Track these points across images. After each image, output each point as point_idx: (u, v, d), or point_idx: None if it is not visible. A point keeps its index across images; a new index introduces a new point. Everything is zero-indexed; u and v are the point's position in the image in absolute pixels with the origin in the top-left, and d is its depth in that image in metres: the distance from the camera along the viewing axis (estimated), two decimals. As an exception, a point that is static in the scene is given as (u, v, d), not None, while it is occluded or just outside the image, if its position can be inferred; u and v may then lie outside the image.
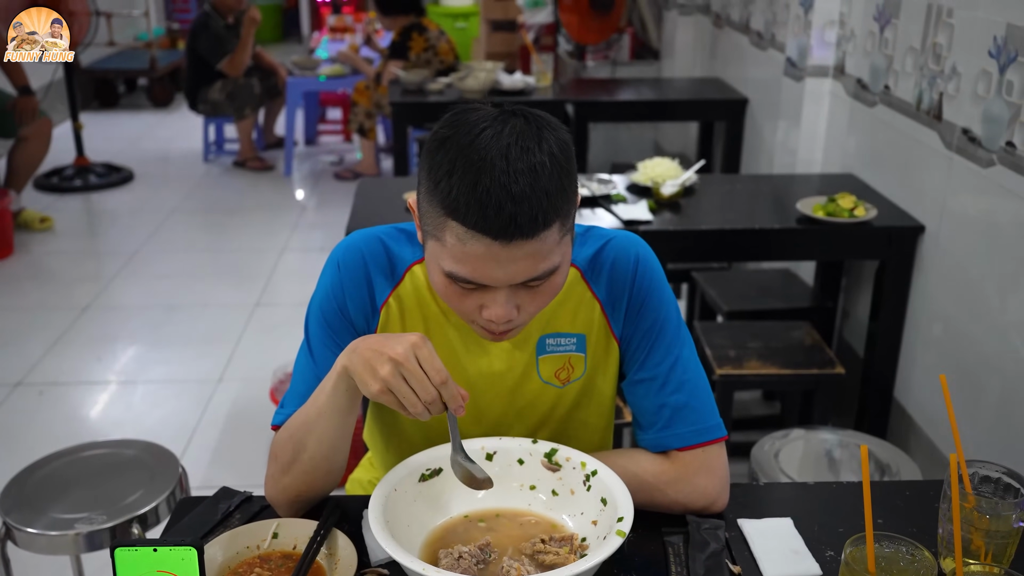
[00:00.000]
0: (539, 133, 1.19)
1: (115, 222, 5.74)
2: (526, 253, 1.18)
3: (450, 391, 1.19)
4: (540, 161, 1.16)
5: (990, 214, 2.52)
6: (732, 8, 4.75)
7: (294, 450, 1.32)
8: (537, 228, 1.16)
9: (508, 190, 1.13)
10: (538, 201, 1.15)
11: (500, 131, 1.17)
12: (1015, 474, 1.25)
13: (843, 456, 2.32)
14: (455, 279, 1.22)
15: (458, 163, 1.16)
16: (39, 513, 1.91)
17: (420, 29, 5.84)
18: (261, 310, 4.40)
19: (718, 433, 1.40)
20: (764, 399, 3.59)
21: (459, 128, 1.19)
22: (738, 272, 3.76)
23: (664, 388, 1.40)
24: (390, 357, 1.17)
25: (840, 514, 1.39)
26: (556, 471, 1.37)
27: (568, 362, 1.43)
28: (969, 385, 2.61)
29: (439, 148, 1.19)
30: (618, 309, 1.42)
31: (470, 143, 1.16)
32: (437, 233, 1.20)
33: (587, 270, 1.42)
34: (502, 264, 1.18)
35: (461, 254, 1.18)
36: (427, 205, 1.21)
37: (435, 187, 1.18)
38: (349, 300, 1.38)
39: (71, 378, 3.78)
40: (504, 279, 1.20)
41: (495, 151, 1.15)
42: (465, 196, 1.14)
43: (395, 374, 1.17)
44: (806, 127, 3.59)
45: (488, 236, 1.15)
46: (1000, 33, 2.41)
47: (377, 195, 3.16)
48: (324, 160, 6.98)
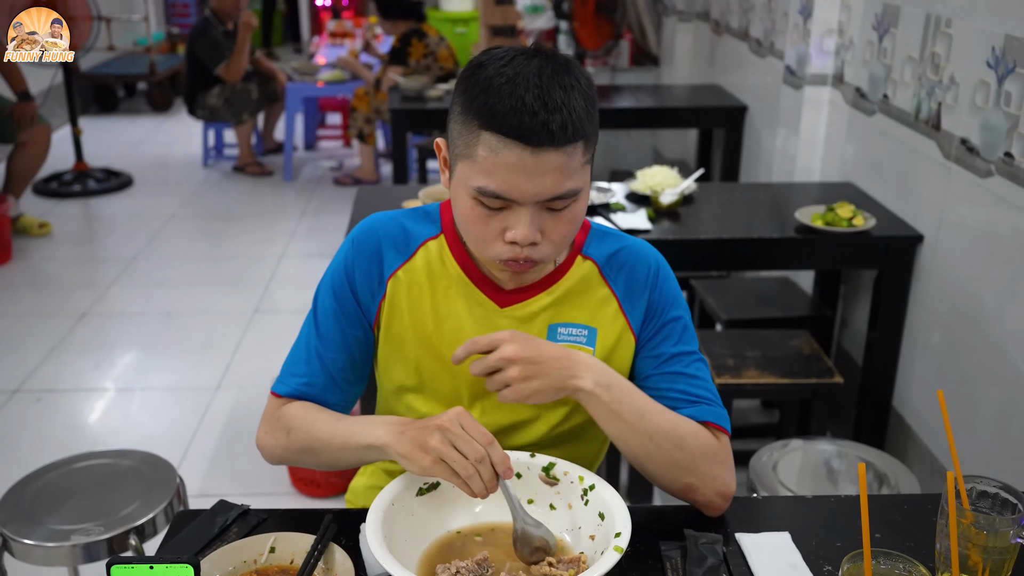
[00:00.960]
0: (567, 63, 1.28)
1: (114, 228, 5.74)
2: (554, 166, 1.24)
3: (498, 452, 1.24)
4: (569, 83, 1.25)
5: (988, 224, 2.52)
6: (731, 15, 4.75)
7: (305, 447, 1.41)
8: (567, 138, 1.23)
9: (543, 100, 1.21)
10: (569, 113, 1.23)
11: (531, 60, 1.26)
12: (1013, 490, 1.25)
13: (842, 467, 2.31)
14: (484, 195, 1.27)
15: (494, 80, 1.24)
16: (36, 524, 1.90)
17: (420, 35, 5.85)
18: (260, 317, 4.39)
19: (729, 427, 1.43)
20: (763, 407, 3.59)
21: (494, 57, 1.27)
22: (737, 281, 3.76)
23: (685, 379, 1.43)
24: (437, 425, 1.24)
25: (838, 529, 1.39)
26: (554, 485, 1.37)
27: None
28: (967, 395, 2.61)
29: (474, 72, 1.27)
30: (638, 307, 1.46)
31: (506, 64, 1.25)
32: (468, 151, 1.27)
33: (604, 265, 1.46)
34: (531, 176, 1.24)
35: (492, 165, 1.24)
36: (460, 126, 1.28)
37: (471, 103, 1.25)
38: (358, 274, 1.44)
39: (69, 385, 3.77)
40: (531, 193, 1.25)
41: (530, 71, 1.24)
42: (502, 104, 1.22)
43: (444, 441, 1.23)
44: (805, 135, 3.60)
45: (521, 142, 1.22)
46: (998, 44, 2.41)
47: (376, 201, 3.16)
48: (323, 165, 6.98)
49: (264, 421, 1.48)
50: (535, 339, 1.31)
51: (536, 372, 1.28)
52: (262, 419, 1.48)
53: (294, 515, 1.42)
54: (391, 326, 1.45)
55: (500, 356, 1.27)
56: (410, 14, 5.91)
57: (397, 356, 1.47)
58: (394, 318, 1.45)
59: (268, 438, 1.46)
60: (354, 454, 1.35)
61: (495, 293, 1.43)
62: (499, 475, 1.24)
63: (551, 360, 1.29)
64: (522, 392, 1.28)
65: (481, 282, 1.43)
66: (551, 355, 1.30)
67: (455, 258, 1.44)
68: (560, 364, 1.30)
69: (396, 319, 1.45)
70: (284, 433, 1.43)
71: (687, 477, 1.37)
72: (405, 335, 1.45)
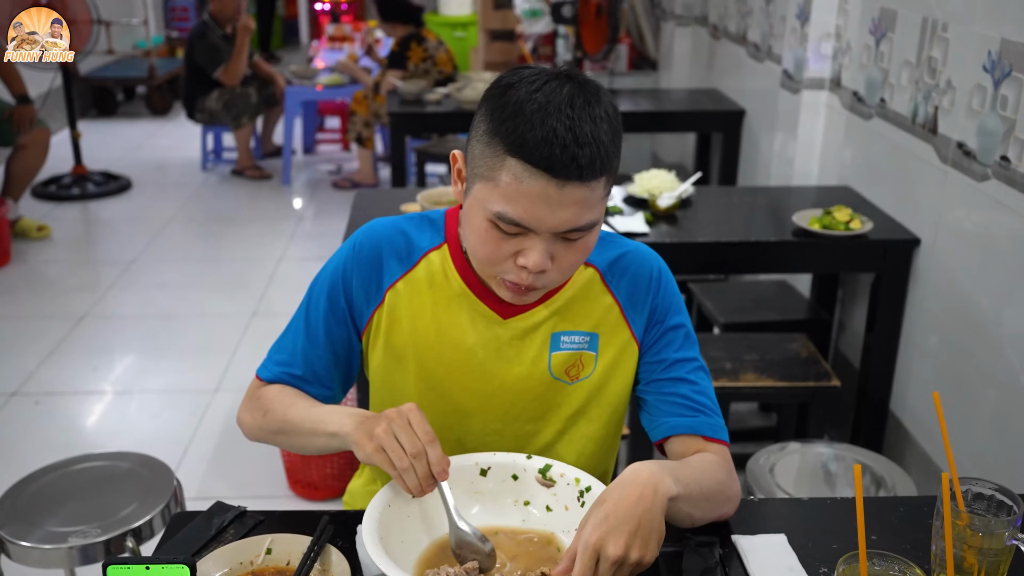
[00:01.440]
0: (596, 91, 1.26)
1: (112, 231, 5.74)
2: (576, 199, 1.23)
3: (436, 452, 1.24)
4: (599, 115, 1.23)
5: (985, 228, 2.52)
6: (729, 20, 4.76)
7: (279, 429, 1.44)
8: (594, 173, 1.22)
9: (573, 132, 1.20)
10: (598, 148, 1.22)
11: (562, 85, 1.24)
12: (1008, 491, 1.25)
13: (839, 469, 2.32)
14: (502, 220, 1.26)
15: (526, 105, 1.22)
16: (33, 526, 1.90)
17: (419, 39, 5.85)
18: (258, 320, 4.39)
19: (728, 438, 1.45)
20: (760, 411, 3.59)
21: (524, 79, 1.25)
22: (734, 284, 3.77)
23: (687, 384, 1.45)
24: (386, 415, 1.26)
25: (834, 531, 1.40)
26: (550, 487, 1.37)
27: (579, 359, 1.46)
28: (964, 398, 2.61)
29: (504, 92, 1.25)
30: (640, 314, 1.46)
31: (537, 90, 1.23)
32: (491, 174, 1.25)
33: (606, 271, 1.46)
34: (552, 207, 1.23)
35: (515, 192, 1.23)
36: (484, 147, 1.26)
37: (499, 126, 1.23)
38: (356, 279, 1.45)
39: (67, 388, 3.77)
40: (551, 224, 1.25)
41: (561, 100, 1.22)
42: (531, 133, 1.20)
43: (388, 431, 1.24)
44: (802, 139, 3.60)
45: (548, 174, 1.20)
46: (994, 48, 2.42)
47: (375, 205, 3.16)
48: (322, 169, 6.99)
49: (245, 399, 1.52)
50: (611, 512, 1.18)
51: (645, 536, 1.17)
52: (244, 397, 1.53)
53: (291, 517, 1.43)
54: (391, 337, 1.46)
55: (610, 560, 1.15)
56: (409, 18, 5.92)
57: (397, 367, 1.47)
58: (394, 329, 1.45)
59: (247, 416, 1.50)
60: (321, 440, 1.37)
61: (497, 305, 1.43)
62: (436, 478, 1.25)
63: (640, 511, 1.18)
64: (652, 559, 1.18)
65: (483, 294, 1.43)
66: (636, 507, 1.18)
67: (458, 270, 1.44)
68: (642, 504, 1.19)
69: (396, 330, 1.45)
70: (261, 414, 1.46)
71: (723, 509, 1.39)
72: (406, 346, 1.45)
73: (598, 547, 1.15)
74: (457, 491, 1.33)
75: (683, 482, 1.27)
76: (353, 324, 1.47)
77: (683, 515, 1.31)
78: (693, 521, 1.35)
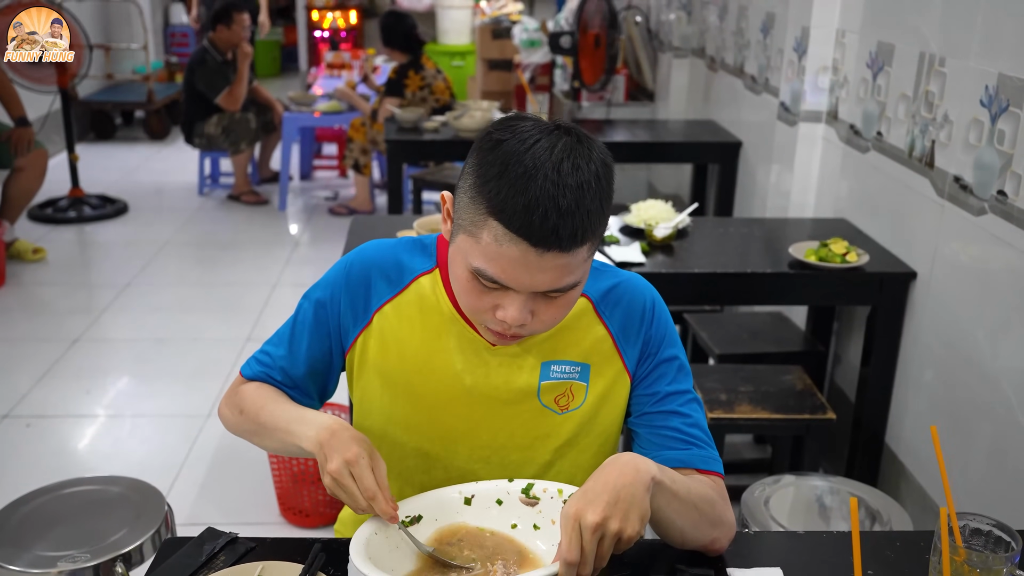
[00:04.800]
0: (588, 152, 1.23)
1: (108, 254, 5.73)
2: (556, 265, 1.22)
3: (380, 506, 1.26)
4: (587, 180, 1.21)
5: (981, 262, 2.53)
6: (726, 52, 4.79)
7: (252, 431, 1.47)
8: (575, 244, 1.21)
9: (556, 202, 1.18)
10: (581, 218, 1.20)
11: (553, 144, 1.21)
12: (1006, 527, 1.24)
13: (834, 503, 2.31)
14: (481, 276, 1.25)
15: (511, 166, 1.20)
16: (22, 550, 1.88)
17: (417, 68, 5.87)
18: (252, 345, 4.38)
19: (722, 470, 1.44)
20: (755, 443, 3.58)
21: (515, 133, 1.23)
22: (730, 315, 3.76)
23: (679, 417, 1.43)
24: (336, 455, 1.27)
25: (830, 564, 1.39)
26: (534, 505, 1.37)
27: (569, 390, 1.45)
28: (960, 432, 2.60)
29: (493, 148, 1.23)
30: (633, 346, 1.45)
31: (525, 150, 1.20)
32: (474, 230, 1.24)
33: (599, 302, 1.45)
34: (531, 271, 1.22)
35: (495, 254, 1.22)
36: (469, 201, 1.25)
37: (483, 185, 1.22)
38: (345, 298, 1.46)
39: (59, 411, 3.75)
40: (529, 285, 1.24)
41: (548, 162, 1.19)
42: (513, 199, 1.18)
43: (340, 472, 1.26)
44: (799, 171, 3.61)
45: (527, 242, 1.19)
46: (992, 82, 2.43)
47: (371, 231, 3.16)
48: (319, 195, 6.99)
49: (226, 394, 1.54)
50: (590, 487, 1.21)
51: (624, 508, 1.19)
52: (226, 392, 1.55)
53: (282, 544, 1.41)
54: (378, 360, 1.45)
55: (590, 528, 1.16)
56: (409, 48, 5.93)
57: (385, 390, 1.47)
58: (381, 353, 1.45)
59: (226, 411, 1.53)
60: (291, 449, 1.39)
61: None
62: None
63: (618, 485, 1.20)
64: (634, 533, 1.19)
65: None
66: (615, 481, 1.20)
67: (448, 295, 1.43)
68: (623, 479, 1.21)
69: (384, 354, 1.45)
70: (237, 411, 1.49)
71: (715, 531, 1.37)
72: (393, 370, 1.45)
73: (578, 517, 1.17)
74: (444, 522, 1.35)
75: (668, 475, 1.28)
76: (339, 342, 1.48)
77: (669, 519, 1.30)
78: (683, 535, 1.34)
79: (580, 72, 5.70)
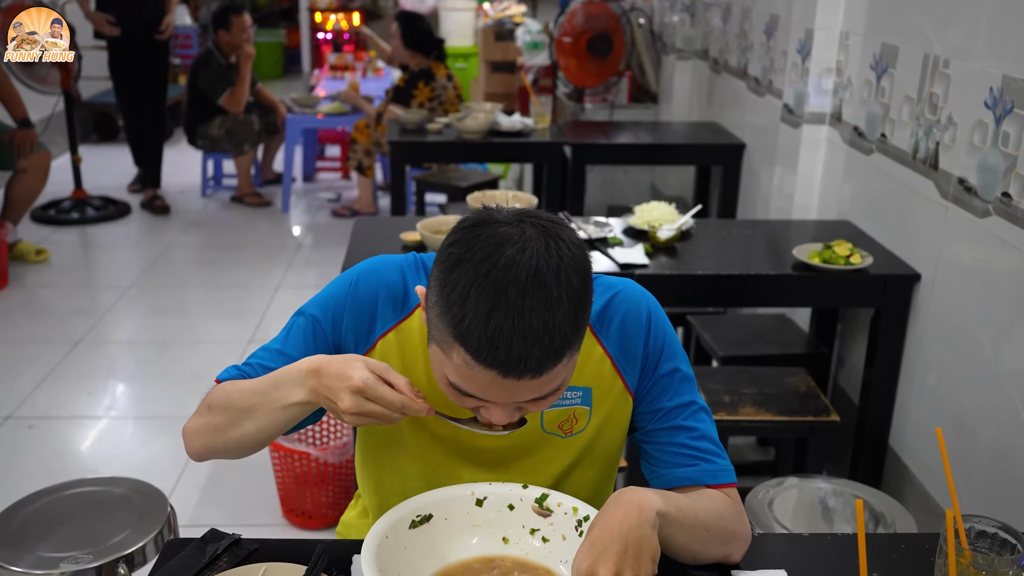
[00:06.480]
0: (558, 258, 1.14)
1: (111, 256, 5.74)
2: (534, 384, 1.17)
3: (412, 410, 1.24)
4: (557, 297, 1.13)
5: (986, 264, 2.52)
6: (730, 54, 4.78)
7: (229, 422, 1.35)
8: (547, 368, 1.15)
9: (521, 331, 1.11)
10: (551, 341, 1.13)
11: (516, 258, 1.12)
12: (1012, 529, 1.24)
13: (837, 505, 2.30)
14: (458, 390, 1.22)
15: (472, 291, 1.12)
16: (25, 551, 1.88)
17: (428, 78, 5.82)
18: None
19: (734, 479, 1.42)
20: (758, 445, 3.57)
21: (474, 249, 1.14)
22: (734, 317, 3.76)
23: (685, 432, 1.41)
24: (340, 389, 1.23)
25: (834, 567, 1.38)
26: (547, 516, 1.36)
27: (572, 415, 1.42)
28: (964, 435, 2.60)
29: (453, 268, 1.15)
30: (632, 364, 1.41)
31: (486, 272, 1.12)
32: (444, 347, 1.18)
33: (596, 322, 1.40)
34: (508, 391, 1.18)
35: (467, 375, 1.17)
36: (436, 319, 1.18)
37: (447, 309, 1.15)
38: (348, 318, 1.40)
39: (61, 413, 3.75)
40: (508, 400, 1.21)
41: (511, 285, 1.11)
42: (477, 330, 1.11)
43: (356, 406, 1.22)
44: (802, 173, 3.61)
45: (495, 371, 1.14)
46: (996, 84, 2.43)
47: (374, 233, 3.16)
48: (322, 197, 7.00)
49: (193, 414, 1.43)
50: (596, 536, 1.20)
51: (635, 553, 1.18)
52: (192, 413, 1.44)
53: (285, 545, 1.41)
54: None
55: None
56: (428, 51, 5.89)
57: None
58: None
59: (192, 423, 1.41)
60: (285, 417, 1.31)
61: None
62: None
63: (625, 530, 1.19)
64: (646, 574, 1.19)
65: None
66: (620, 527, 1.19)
67: None
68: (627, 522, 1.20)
69: None
70: (205, 410, 1.39)
71: (727, 548, 1.37)
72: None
73: (590, 574, 1.15)
74: (454, 522, 1.33)
75: (673, 503, 1.26)
76: None
77: (679, 544, 1.29)
78: (694, 556, 1.33)
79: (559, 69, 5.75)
